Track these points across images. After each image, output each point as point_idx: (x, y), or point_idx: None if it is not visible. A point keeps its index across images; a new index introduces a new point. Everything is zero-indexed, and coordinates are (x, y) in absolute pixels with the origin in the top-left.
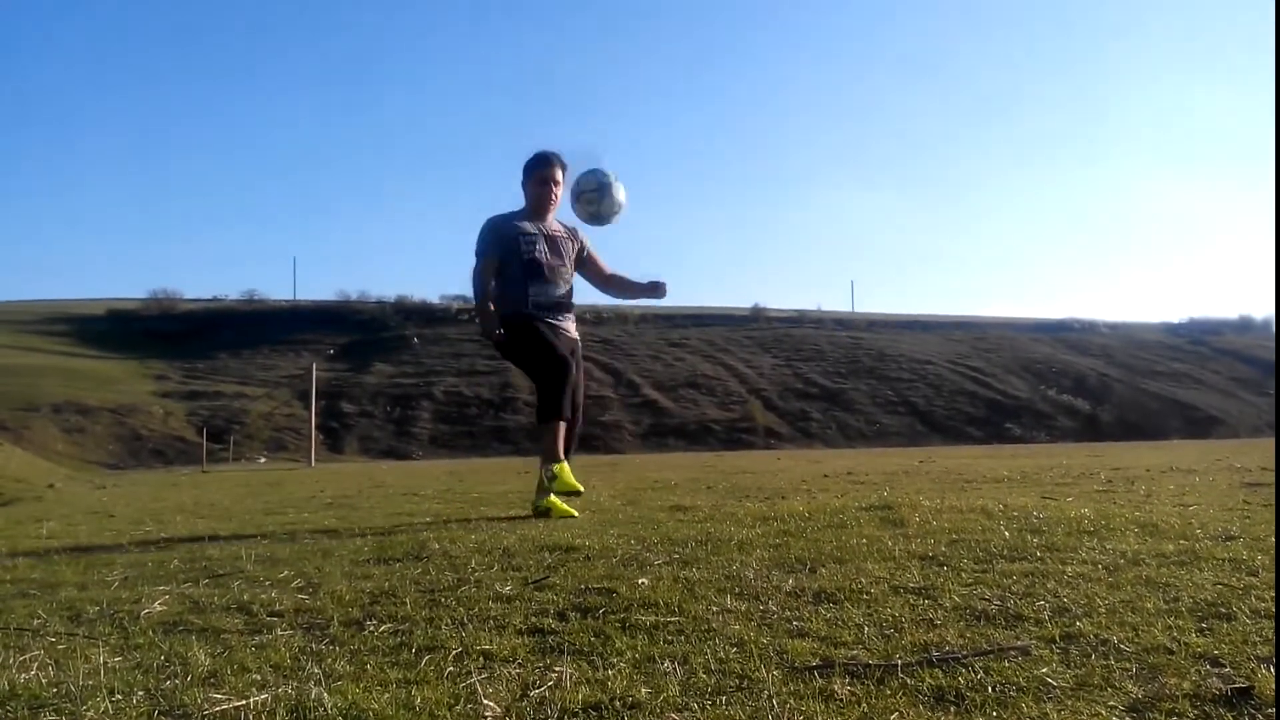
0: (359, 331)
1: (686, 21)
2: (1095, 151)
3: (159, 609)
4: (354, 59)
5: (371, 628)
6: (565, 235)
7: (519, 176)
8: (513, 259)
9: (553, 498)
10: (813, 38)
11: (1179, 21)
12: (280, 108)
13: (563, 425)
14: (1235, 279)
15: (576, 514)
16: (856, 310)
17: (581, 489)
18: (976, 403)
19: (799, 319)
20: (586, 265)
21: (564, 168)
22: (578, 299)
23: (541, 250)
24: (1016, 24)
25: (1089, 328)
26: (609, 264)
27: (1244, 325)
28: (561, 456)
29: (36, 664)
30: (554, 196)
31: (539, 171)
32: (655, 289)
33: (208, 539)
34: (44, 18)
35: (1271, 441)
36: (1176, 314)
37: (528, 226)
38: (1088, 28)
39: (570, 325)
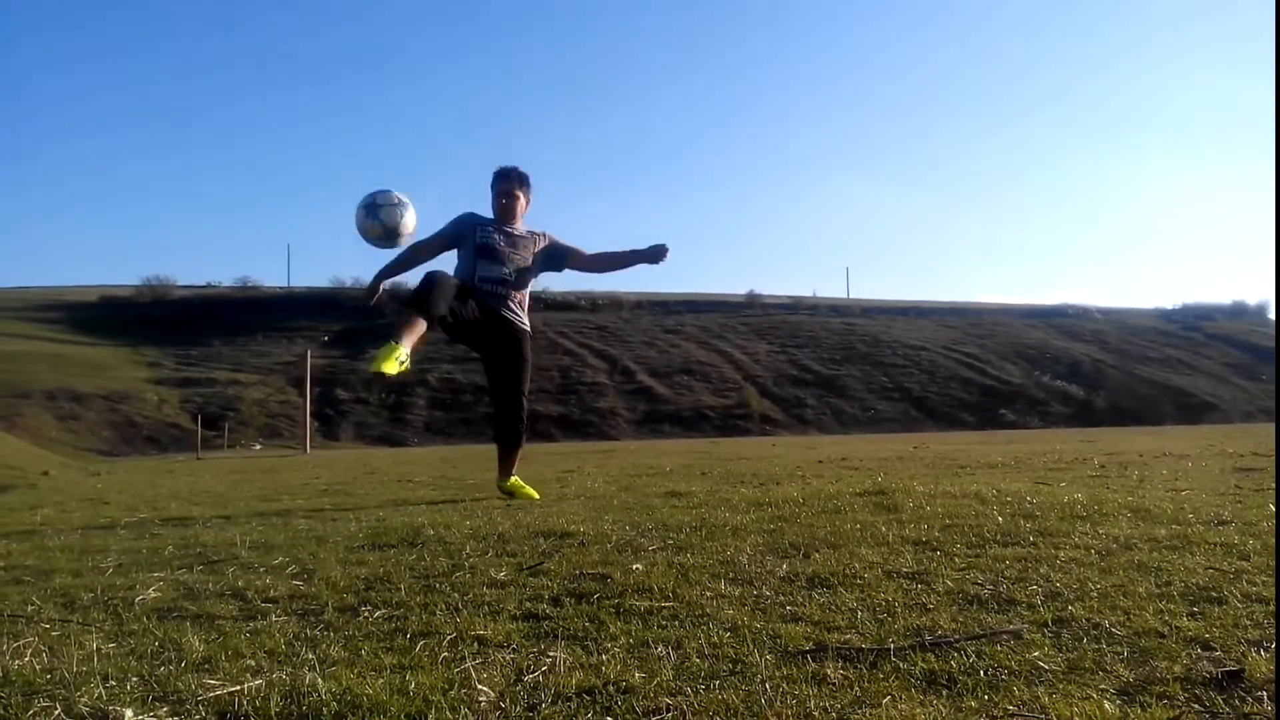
0: (353, 318)
1: (685, 14)
2: (1090, 139)
3: (153, 595)
4: (349, 48)
5: (366, 613)
6: (527, 236)
7: (511, 161)
8: (467, 245)
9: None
10: (810, 28)
11: (1175, 9)
12: (275, 96)
13: (420, 323)
14: (1229, 265)
15: (395, 367)
16: (852, 296)
17: (384, 371)
18: (970, 388)
19: (794, 305)
20: (568, 259)
21: (522, 182)
22: (567, 286)
23: (497, 239)
24: (1012, 15)
25: (1082, 314)
26: (590, 249)
27: (1237, 311)
28: (401, 339)
29: (30, 650)
30: (512, 210)
31: (495, 188)
32: (655, 253)
33: (202, 525)
34: (43, 9)
35: (1264, 427)
36: (1170, 300)
37: (490, 222)
38: (1083, 18)
39: (513, 310)
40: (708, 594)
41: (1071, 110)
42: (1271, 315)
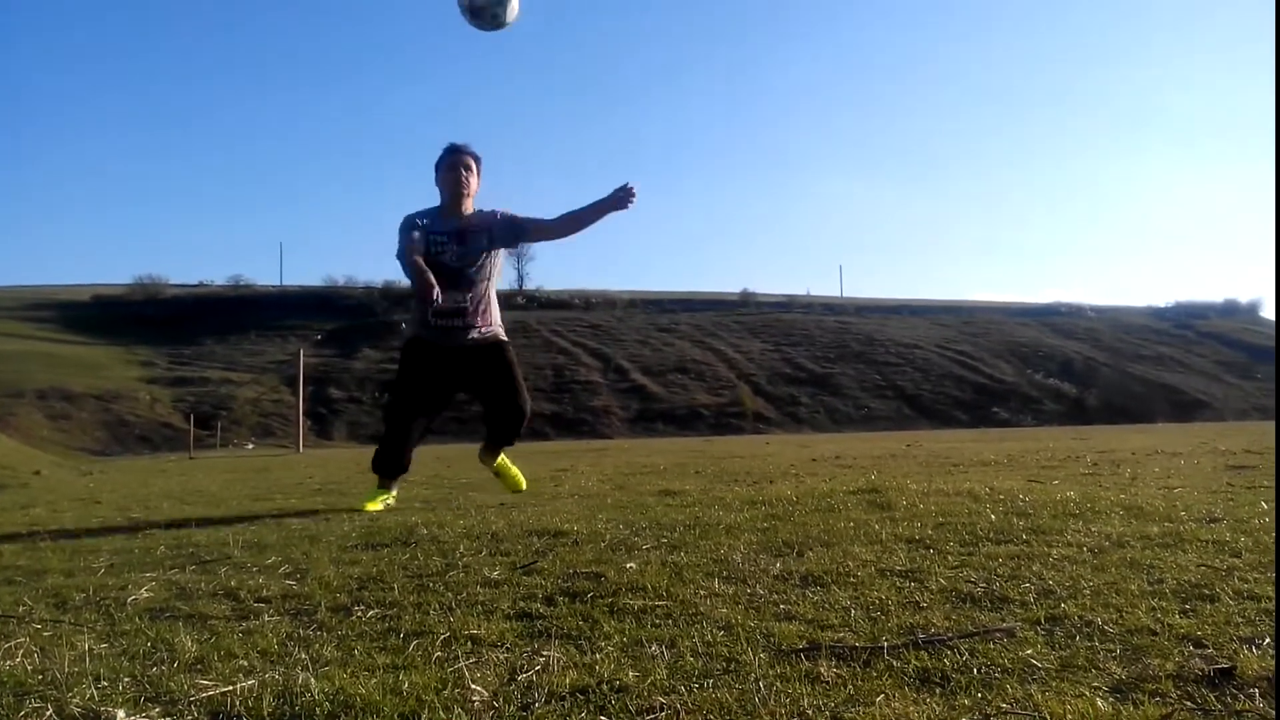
0: (346, 317)
1: (682, 14)
2: (1082, 137)
3: (145, 595)
4: (342, 46)
5: (359, 613)
6: (480, 227)
7: (506, 160)
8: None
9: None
10: (806, 27)
11: (1169, 8)
12: (268, 95)
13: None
14: (1221, 263)
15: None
16: (845, 295)
17: (367, 509)
18: (964, 386)
19: (788, 304)
20: (528, 232)
21: (475, 157)
22: (560, 284)
23: (450, 253)
24: (1006, 14)
25: (1075, 311)
26: (550, 214)
27: (1229, 309)
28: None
29: (22, 651)
30: (466, 185)
31: (446, 160)
32: (621, 197)
33: (195, 525)
34: (37, 9)
35: (1257, 424)
36: (1162, 298)
37: (441, 224)
38: (1076, 17)
39: (478, 332)
40: (701, 593)
41: (1066, 110)
42: (1263, 313)
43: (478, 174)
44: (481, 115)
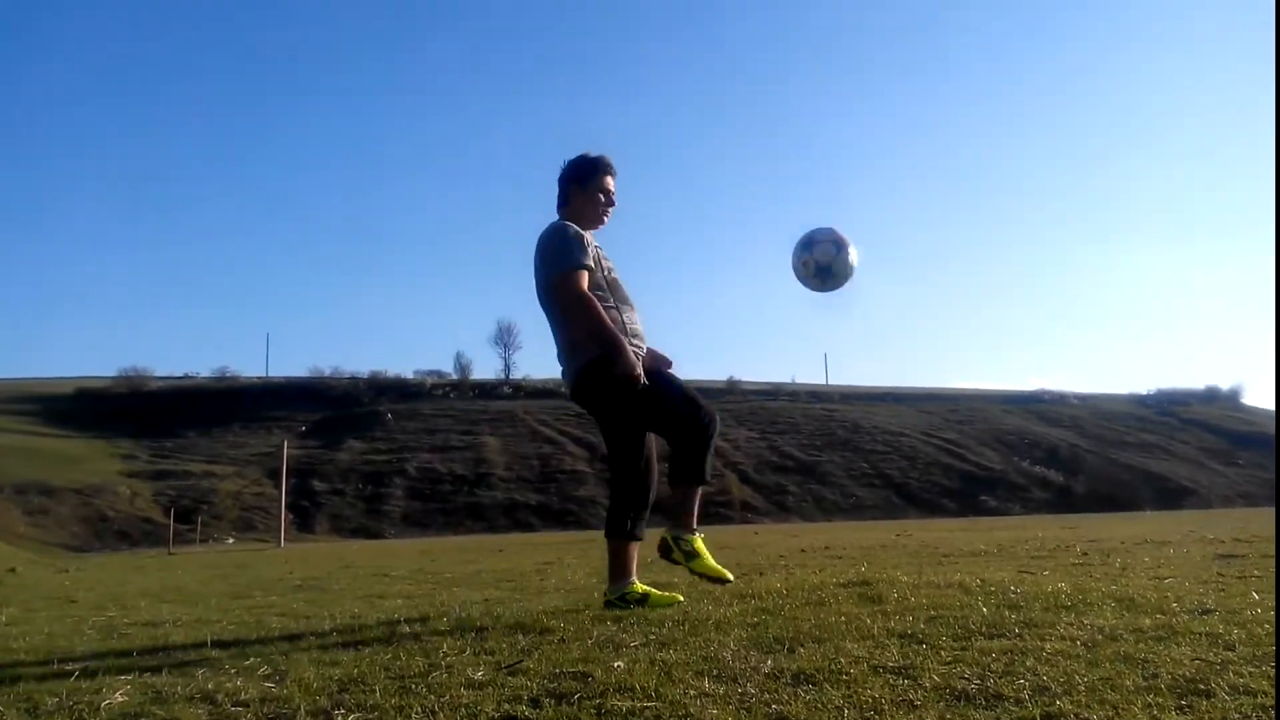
0: (332, 408)
1: (665, 103)
2: (1065, 226)
3: (120, 700)
4: (328, 137)
5: (339, 717)
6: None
7: (497, 252)
8: (597, 276)
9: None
10: (787, 116)
11: (1147, 95)
12: (254, 186)
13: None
14: (1201, 349)
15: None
16: (831, 383)
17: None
18: (951, 474)
19: (774, 392)
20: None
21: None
22: (546, 373)
23: (615, 269)
24: (987, 102)
25: (1060, 399)
26: None
27: (1210, 395)
28: (633, 574)
29: None
30: (607, 216)
31: (604, 179)
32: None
33: (172, 624)
34: (19, 89)
35: (1243, 512)
36: (1144, 385)
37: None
38: (1054, 105)
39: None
40: (691, 692)
41: (1048, 198)
42: (1244, 400)
43: None
44: (470, 200)
